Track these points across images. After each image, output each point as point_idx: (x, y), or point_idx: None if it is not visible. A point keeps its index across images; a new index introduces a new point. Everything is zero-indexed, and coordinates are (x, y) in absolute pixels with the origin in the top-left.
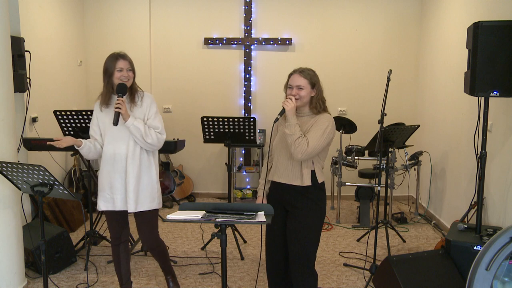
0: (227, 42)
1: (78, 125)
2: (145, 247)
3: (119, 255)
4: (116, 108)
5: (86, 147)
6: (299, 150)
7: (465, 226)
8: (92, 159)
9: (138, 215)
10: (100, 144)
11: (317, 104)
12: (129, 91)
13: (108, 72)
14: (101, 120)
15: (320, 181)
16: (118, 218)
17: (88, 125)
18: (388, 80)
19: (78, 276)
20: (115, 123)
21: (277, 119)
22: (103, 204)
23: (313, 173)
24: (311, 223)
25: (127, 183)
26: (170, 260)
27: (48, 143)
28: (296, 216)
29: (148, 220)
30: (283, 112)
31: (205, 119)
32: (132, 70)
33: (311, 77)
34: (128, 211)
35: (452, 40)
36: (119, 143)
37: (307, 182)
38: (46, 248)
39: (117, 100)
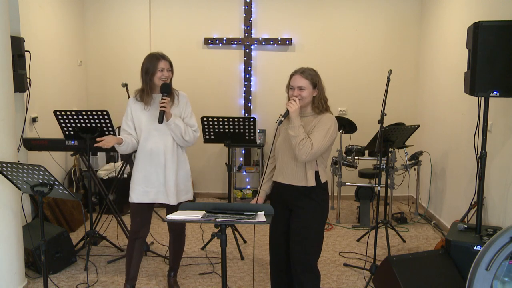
0: (227, 42)
1: (78, 125)
2: (146, 247)
3: (133, 250)
4: (161, 107)
5: (125, 144)
6: (303, 151)
7: (465, 226)
8: (127, 153)
9: (173, 207)
10: (135, 139)
11: (319, 104)
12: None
13: (149, 72)
14: (136, 117)
15: (323, 181)
16: (144, 212)
17: (88, 125)
18: (388, 80)
19: (78, 276)
20: (161, 121)
21: (280, 121)
22: (136, 196)
23: (316, 173)
24: (314, 223)
25: (166, 177)
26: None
27: (95, 145)
28: (299, 216)
29: None
30: (287, 113)
31: (205, 119)
32: (171, 70)
33: (312, 77)
34: (170, 204)
35: (452, 40)
36: (157, 139)
37: (312, 183)
38: (46, 248)
39: (163, 98)
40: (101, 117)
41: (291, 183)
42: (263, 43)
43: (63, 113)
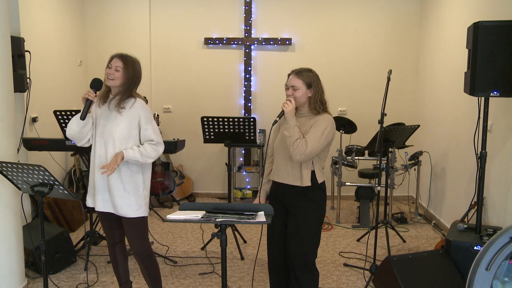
0: (227, 42)
1: None
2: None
3: (115, 255)
4: (84, 98)
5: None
6: (297, 151)
7: (465, 226)
8: (78, 138)
9: (125, 221)
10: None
11: (316, 105)
12: (120, 93)
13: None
14: (94, 111)
15: (320, 181)
16: (108, 217)
17: None
18: (388, 80)
19: (78, 276)
20: (83, 117)
21: (275, 122)
22: (90, 200)
23: (313, 173)
24: (311, 222)
25: (110, 186)
26: (160, 282)
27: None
28: (296, 215)
29: (136, 227)
30: (282, 114)
31: (205, 119)
32: (123, 70)
33: (307, 77)
34: (117, 214)
35: (452, 40)
36: (100, 143)
37: (307, 182)
38: (46, 248)
39: (88, 91)
40: None
41: (286, 182)
42: (263, 43)
43: (63, 113)
